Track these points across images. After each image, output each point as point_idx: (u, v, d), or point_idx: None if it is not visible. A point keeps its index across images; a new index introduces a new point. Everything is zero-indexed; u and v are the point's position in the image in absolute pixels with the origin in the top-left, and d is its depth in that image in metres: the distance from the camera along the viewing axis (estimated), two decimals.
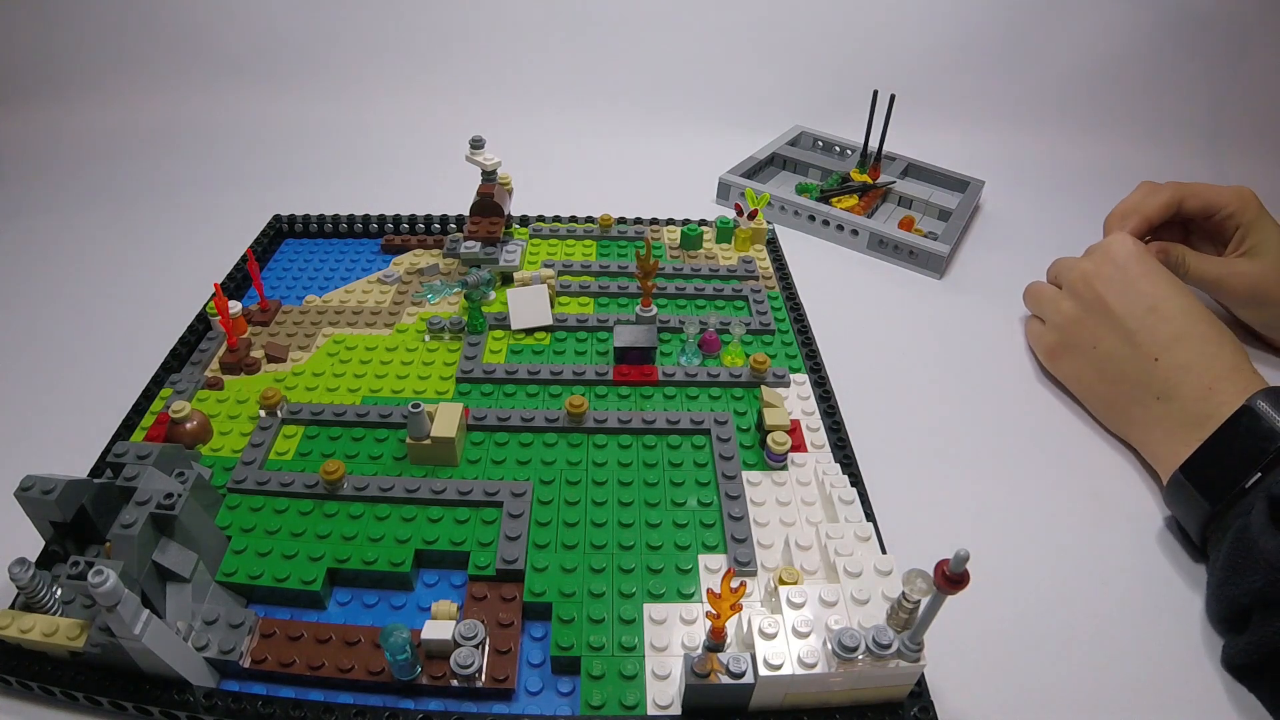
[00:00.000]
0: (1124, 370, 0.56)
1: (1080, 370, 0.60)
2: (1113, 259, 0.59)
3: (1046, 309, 0.64)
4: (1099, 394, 0.59)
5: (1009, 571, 0.48)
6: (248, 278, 0.70)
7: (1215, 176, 1.03)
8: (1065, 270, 0.63)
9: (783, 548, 0.45)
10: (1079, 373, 0.60)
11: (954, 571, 0.30)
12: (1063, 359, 0.62)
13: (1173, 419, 0.52)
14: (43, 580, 0.39)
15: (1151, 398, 0.53)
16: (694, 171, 0.94)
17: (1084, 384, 0.60)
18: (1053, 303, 0.63)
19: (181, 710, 0.38)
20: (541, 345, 0.63)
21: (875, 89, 0.87)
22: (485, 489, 0.48)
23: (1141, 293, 0.56)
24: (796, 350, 0.63)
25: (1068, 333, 0.60)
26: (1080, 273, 0.60)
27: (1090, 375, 0.59)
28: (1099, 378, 0.58)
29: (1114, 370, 0.56)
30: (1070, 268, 0.62)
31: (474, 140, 0.68)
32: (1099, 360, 0.58)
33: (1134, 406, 0.55)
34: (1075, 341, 0.60)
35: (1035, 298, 0.67)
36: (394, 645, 0.37)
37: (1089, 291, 0.59)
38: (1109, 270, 0.58)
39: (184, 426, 0.51)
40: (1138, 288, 0.57)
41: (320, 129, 1.05)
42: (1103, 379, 0.58)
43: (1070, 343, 0.60)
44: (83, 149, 0.98)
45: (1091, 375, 0.59)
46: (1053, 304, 0.63)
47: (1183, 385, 0.52)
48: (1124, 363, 0.56)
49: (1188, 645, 0.45)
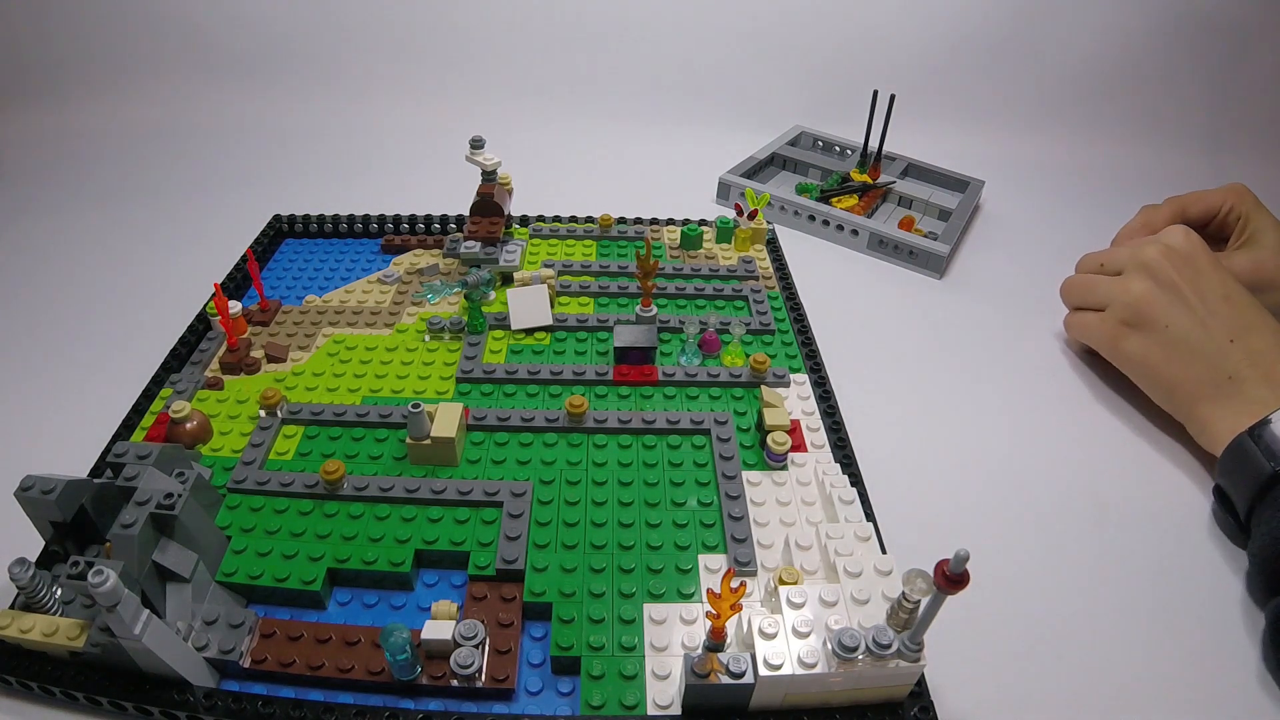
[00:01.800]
0: (1197, 351, 0.56)
1: (1149, 351, 0.59)
2: (1177, 247, 0.59)
3: (1107, 294, 0.63)
4: (1167, 375, 0.58)
5: (1009, 571, 0.48)
6: (248, 278, 0.70)
7: (1215, 177, 1.03)
8: (1126, 257, 0.62)
9: (783, 548, 0.45)
10: (1147, 353, 0.59)
11: (954, 571, 0.30)
12: (1129, 340, 0.61)
13: (1244, 397, 0.53)
14: (43, 580, 0.39)
15: (1224, 377, 0.54)
16: (694, 171, 0.94)
17: (1150, 365, 0.60)
18: (1119, 285, 0.62)
19: (181, 710, 0.38)
20: (541, 345, 0.63)
21: (875, 89, 0.87)
22: (485, 489, 0.48)
23: (1214, 279, 0.57)
24: (796, 350, 0.63)
25: (1138, 312, 0.60)
26: (1150, 256, 0.60)
27: (1159, 356, 0.59)
28: (1168, 358, 0.58)
29: (1186, 350, 0.57)
30: (1134, 254, 0.61)
31: (474, 140, 0.68)
32: (1170, 341, 0.58)
33: (1204, 386, 0.56)
34: (1147, 320, 0.59)
35: (1085, 287, 0.66)
36: (394, 645, 0.37)
37: (1162, 273, 0.59)
38: (1177, 258, 0.59)
39: (184, 426, 0.51)
40: (1209, 274, 0.58)
41: (320, 129, 1.05)
42: (1172, 360, 0.58)
43: (1140, 322, 0.60)
44: (83, 149, 0.98)
45: (1160, 356, 0.58)
46: (1119, 286, 0.62)
47: (1256, 368, 0.53)
48: (1198, 343, 0.56)
49: (1188, 646, 0.45)
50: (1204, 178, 1.02)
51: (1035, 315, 0.72)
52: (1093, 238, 0.72)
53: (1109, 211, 0.76)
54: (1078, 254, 0.69)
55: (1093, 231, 0.74)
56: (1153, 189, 0.73)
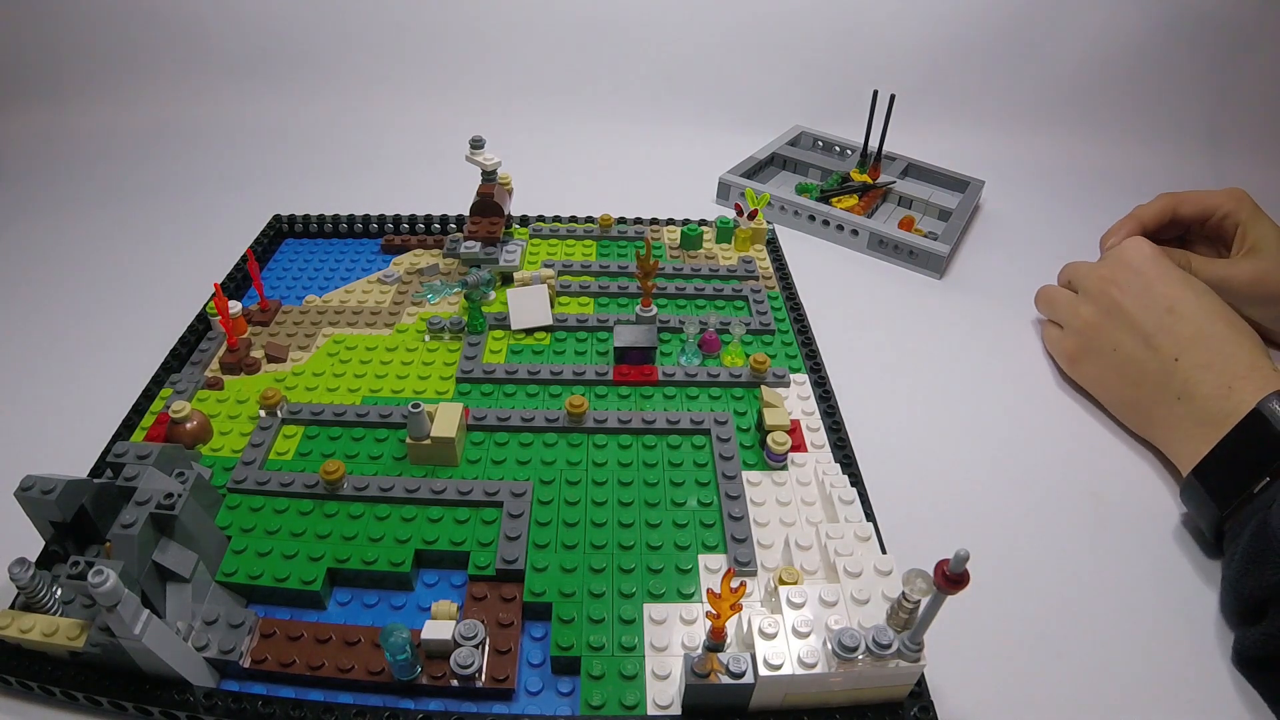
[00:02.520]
0: (1144, 372, 0.56)
1: (1101, 374, 0.60)
2: (1128, 263, 0.59)
3: (1063, 314, 0.64)
4: (1121, 397, 0.59)
5: (1009, 571, 0.48)
6: (248, 278, 0.70)
7: (1214, 177, 1.03)
8: (1081, 276, 0.63)
9: (783, 548, 0.45)
10: (1100, 376, 0.60)
11: (954, 571, 0.30)
12: (1083, 364, 0.62)
13: (1193, 418, 0.52)
14: (43, 580, 0.39)
15: (1173, 398, 0.54)
16: (694, 171, 0.94)
17: (1105, 387, 0.60)
18: (1070, 308, 0.63)
19: (181, 710, 0.38)
20: (541, 345, 0.63)
21: (875, 89, 0.87)
22: (485, 489, 0.48)
23: (1159, 294, 0.56)
24: (796, 350, 0.63)
25: (1087, 338, 0.60)
26: (1097, 278, 0.60)
27: (1111, 378, 0.59)
28: (1120, 381, 0.58)
29: (1134, 372, 0.56)
30: (1087, 274, 0.62)
31: (474, 140, 0.68)
32: (1119, 363, 0.58)
33: (1156, 407, 0.55)
34: (1095, 346, 0.60)
35: (1049, 302, 0.67)
36: (394, 645, 0.37)
37: (1105, 297, 0.59)
38: (1125, 274, 0.59)
39: (184, 426, 0.51)
40: (1155, 290, 0.57)
41: (320, 129, 1.05)
42: (1124, 382, 0.58)
43: (1090, 347, 0.60)
44: (83, 149, 0.98)
45: (1113, 378, 0.59)
46: (1070, 309, 0.63)
47: (1203, 384, 0.52)
48: (1144, 364, 0.56)
49: (1188, 646, 0.45)
50: (1203, 178, 1.02)
51: (1035, 315, 0.72)
52: (1092, 238, 0.72)
53: (1108, 211, 0.76)
54: (1077, 254, 0.69)
55: (1092, 231, 0.74)
56: (1152, 189, 0.73)
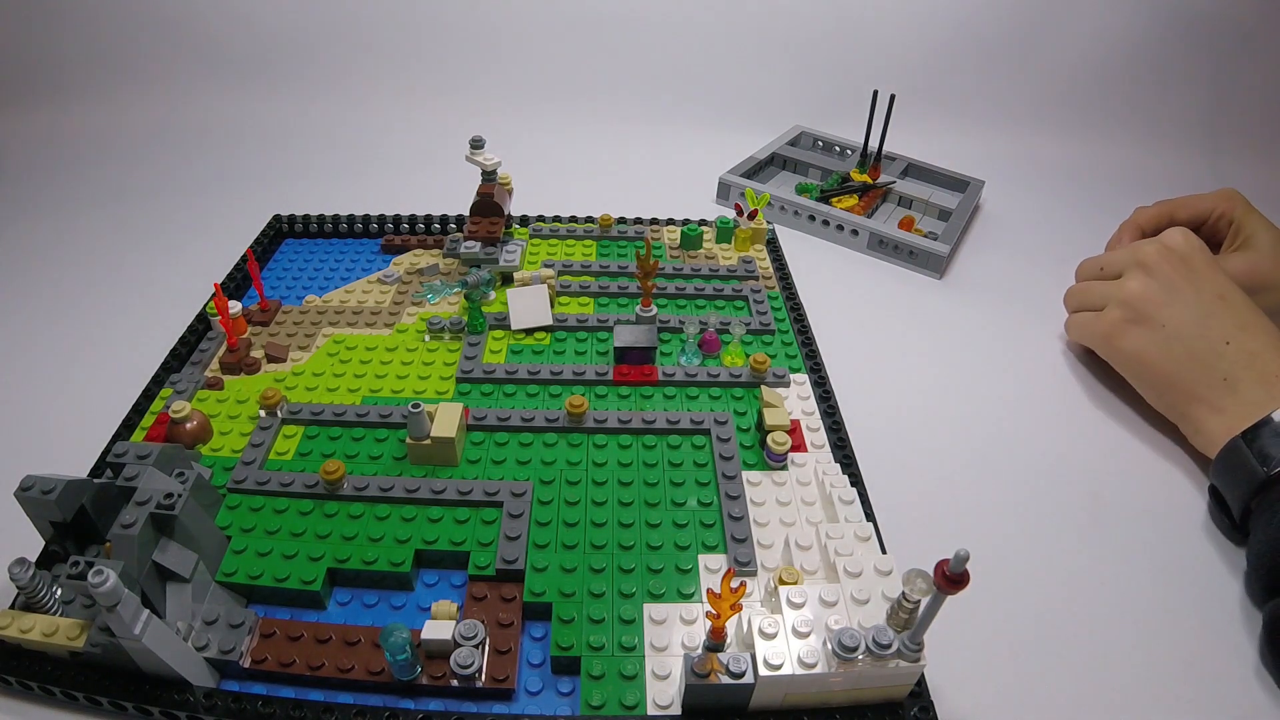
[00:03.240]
0: (1194, 350, 0.56)
1: (1144, 348, 0.59)
2: (1175, 247, 0.59)
3: (1102, 294, 0.63)
4: (1161, 373, 0.58)
5: (1009, 571, 0.48)
6: (248, 278, 0.70)
7: (1213, 177, 1.03)
8: (1125, 257, 0.62)
9: (783, 548, 0.45)
10: (1143, 350, 0.59)
11: (954, 571, 0.30)
12: (1126, 337, 0.61)
13: (1238, 400, 0.53)
14: (43, 580, 0.39)
15: (1218, 379, 0.54)
16: (694, 171, 0.94)
17: (1146, 362, 0.59)
18: (1113, 286, 0.62)
19: (181, 710, 0.38)
20: (541, 345, 0.63)
21: (875, 89, 0.87)
22: (485, 489, 0.48)
23: (1210, 279, 0.57)
24: (796, 350, 0.63)
25: (1136, 309, 0.60)
26: (1148, 254, 0.60)
27: (1155, 353, 0.58)
28: (1164, 356, 0.58)
29: (1182, 350, 0.57)
30: (1133, 252, 0.62)
31: (474, 140, 0.68)
32: (1166, 339, 0.57)
33: (1199, 387, 0.56)
34: (1144, 317, 0.59)
35: (1082, 293, 0.66)
36: (394, 645, 0.37)
37: (1161, 270, 0.59)
38: (1174, 258, 0.59)
39: (184, 426, 0.51)
40: (1205, 274, 0.58)
41: (320, 129, 1.05)
42: (1168, 358, 0.57)
43: (1138, 319, 0.59)
44: (83, 149, 0.98)
45: (1156, 353, 0.58)
46: (1115, 286, 0.62)
47: (1251, 370, 0.53)
48: (1194, 342, 0.56)
49: (1188, 646, 0.45)
50: (1202, 178, 1.02)
51: (1035, 315, 0.72)
52: (1092, 238, 0.73)
53: (1108, 212, 0.76)
54: (1077, 254, 0.69)
55: (1092, 231, 0.74)
56: (1152, 189, 0.73)
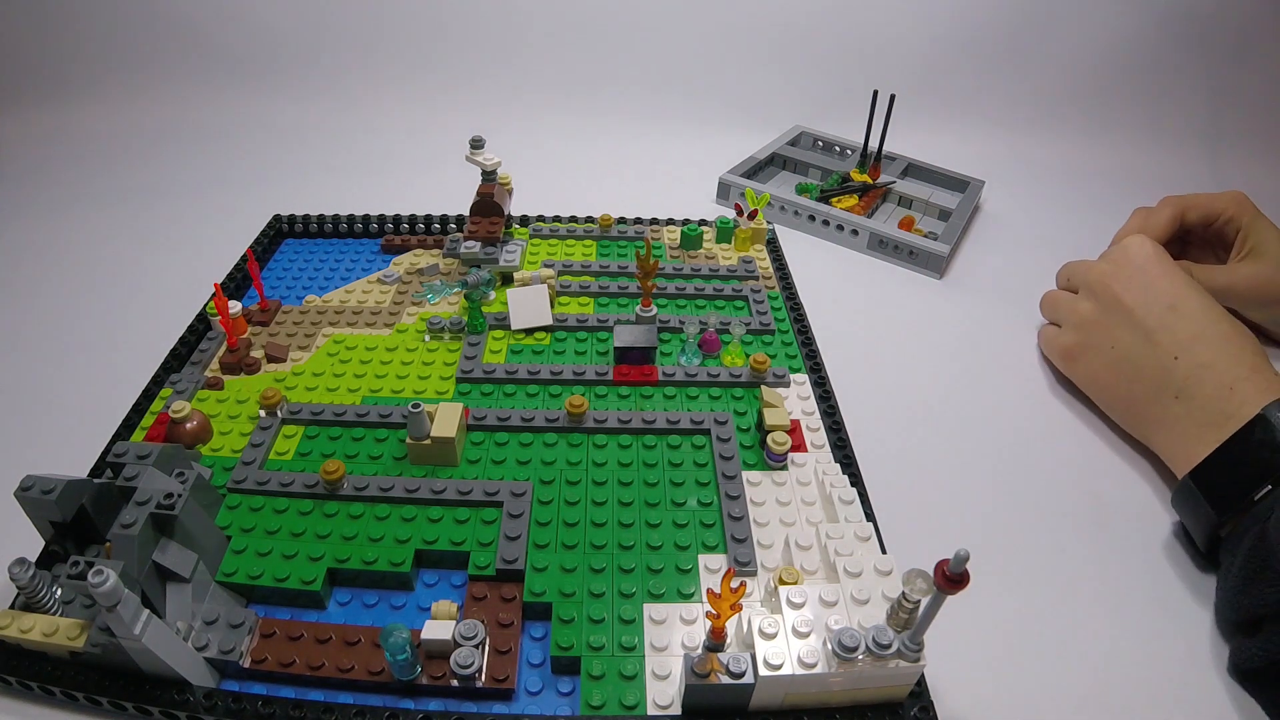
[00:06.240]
0: (1142, 369, 0.55)
1: (1097, 371, 0.59)
2: (1130, 259, 0.58)
3: (1063, 312, 0.63)
4: (1117, 394, 0.58)
5: (1009, 572, 0.48)
6: (248, 278, 0.70)
7: (1214, 177, 1.03)
8: (1081, 272, 0.62)
9: (783, 548, 0.45)
10: (1096, 374, 0.59)
11: (954, 571, 0.30)
12: (1079, 361, 0.61)
13: (1192, 418, 0.51)
14: (43, 580, 0.39)
15: (1170, 397, 0.53)
16: (694, 171, 0.94)
17: (1101, 385, 0.59)
18: (1069, 305, 0.62)
19: (181, 710, 0.38)
20: (541, 345, 0.63)
21: (875, 89, 0.87)
22: (485, 489, 0.48)
23: (1161, 291, 0.56)
24: (796, 350, 0.63)
25: (1085, 333, 0.60)
26: (1098, 273, 0.60)
27: (1108, 376, 0.58)
28: (1117, 378, 0.57)
29: (1132, 370, 0.56)
30: (1087, 269, 0.62)
31: (474, 140, 0.68)
32: (1116, 360, 0.57)
33: (1152, 406, 0.54)
34: (1093, 342, 0.59)
35: (1052, 304, 0.67)
36: (394, 645, 0.37)
37: (1107, 292, 0.58)
38: (1127, 270, 0.58)
39: (184, 426, 0.51)
40: (1157, 286, 0.56)
41: (320, 129, 1.05)
42: (1120, 379, 0.57)
43: (1088, 344, 0.60)
44: (83, 149, 0.98)
45: (1109, 376, 0.58)
46: (1069, 306, 0.62)
47: (1203, 384, 0.51)
48: (1142, 361, 0.55)
49: (1189, 648, 0.45)
50: (1203, 179, 1.03)
51: (1035, 315, 0.72)
52: (1092, 238, 0.72)
53: (1108, 212, 0.76)
54: (1077, 254, 0.69)
55: (1092, 232, 0.74)
56: (1152, 189, 0.73)
